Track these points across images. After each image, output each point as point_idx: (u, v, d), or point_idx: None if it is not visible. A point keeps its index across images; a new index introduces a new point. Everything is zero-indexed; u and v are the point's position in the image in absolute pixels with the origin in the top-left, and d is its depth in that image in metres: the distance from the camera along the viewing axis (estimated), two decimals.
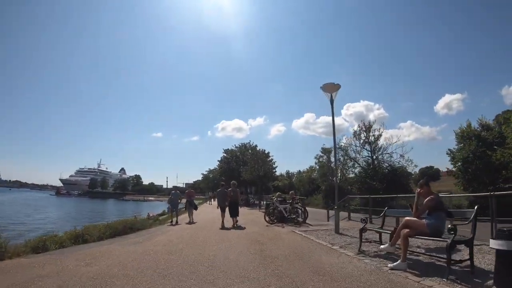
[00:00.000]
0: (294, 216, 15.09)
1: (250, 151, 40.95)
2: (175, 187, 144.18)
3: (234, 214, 15.34)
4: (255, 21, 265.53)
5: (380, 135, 40.64)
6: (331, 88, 12.00)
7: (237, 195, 15.91)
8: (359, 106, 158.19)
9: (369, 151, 41.93)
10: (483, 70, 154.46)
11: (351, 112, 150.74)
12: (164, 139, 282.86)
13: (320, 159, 56.66)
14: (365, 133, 41.65)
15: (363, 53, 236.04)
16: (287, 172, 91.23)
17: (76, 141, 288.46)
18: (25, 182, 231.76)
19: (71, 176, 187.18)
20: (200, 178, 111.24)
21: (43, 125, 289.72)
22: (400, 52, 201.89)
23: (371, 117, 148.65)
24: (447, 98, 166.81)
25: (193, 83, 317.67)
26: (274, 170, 41.77)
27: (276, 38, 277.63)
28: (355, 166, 42.66)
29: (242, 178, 34.01)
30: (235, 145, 47.99)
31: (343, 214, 16.71)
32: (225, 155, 48.41)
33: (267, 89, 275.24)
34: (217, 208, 16.32)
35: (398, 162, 37.92)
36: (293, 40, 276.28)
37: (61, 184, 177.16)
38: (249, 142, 45.35)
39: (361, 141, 42.44)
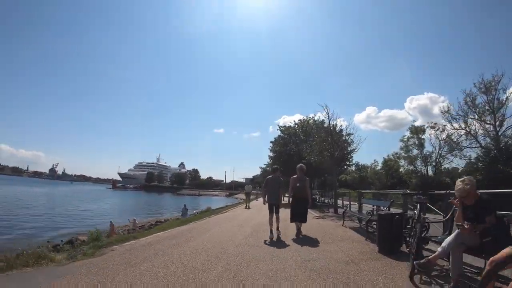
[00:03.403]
0: None
1: (314, 127, 29.04)
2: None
3: (300, 217, 9.39)
4: (311, 13, 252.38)
5: (508, 98, 27.18)
6: None
7: (306, 186, 9.53)
8: (423, 99, 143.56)
9: (490, 123, 28.49)
10: None
11: (414, 105, 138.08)
12: (225, 134, 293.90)
13: (409, 142, 43.78)
14: (485, 96, 28.26)
15: (425, 43, 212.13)
16: (357, 164, 76.84)
17: (141, 137, 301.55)
18: (90, 176, 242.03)
19: (129, 170, 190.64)
20: (259, 173, 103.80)
21: (109, 121, 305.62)
22: (467, 39, 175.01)
23: (436, 110, 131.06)
24: None
25: (255, 79, 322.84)
26: (350, 156, 27.49)
27: (337, 31, 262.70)
28: (472, 146, 29.70)
29: (305, 161, 22.03)
30: (294, 121, 34.58)
31: None
32: (280, 134, 35.18)
33: (328, 82, 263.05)
34: (264, 203, 9.58)
35: None
36: (354, 33, 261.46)
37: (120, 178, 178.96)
38: (313, 117, 32.14)
39: (478, 109, 29.10)
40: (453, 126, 30.26)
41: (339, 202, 19.92)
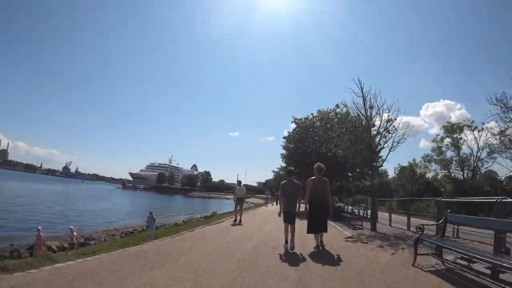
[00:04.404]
0: None
1: (335, 119, 23.88)
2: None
3: (320, 227, 7.68)
4: (333, 13, 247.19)
5: None
6: None
7: (326, 189, 7.79)
8: (439, 106, 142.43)
9: None
10: None
11: (430, 113, 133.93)
12: (240, 138, 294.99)
13: (444, 142, 37.97)
14: None
15: (443, 50, 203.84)
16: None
17: (155, 139, 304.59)
18: (103, 176, 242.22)
19: (141, 170, 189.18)
20: (272, 177, 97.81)
21: (125, 122, 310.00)
22: (485, 45, 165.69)
23: (453, 118, 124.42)
24: None
25: (272, 83, 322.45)
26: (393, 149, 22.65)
27: (359, 36, 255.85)
28: None
29: (330, 154, 16.72)
30: (312, 114, 28.44)
31: None
32: (295, 128, 28.69)
33: (346, 89, 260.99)
34: (279, 215, 8.09)
35: None
36: (373, 39, 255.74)
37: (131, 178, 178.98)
38: (335, 109, 26.30)
39: None
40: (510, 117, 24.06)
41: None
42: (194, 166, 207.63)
